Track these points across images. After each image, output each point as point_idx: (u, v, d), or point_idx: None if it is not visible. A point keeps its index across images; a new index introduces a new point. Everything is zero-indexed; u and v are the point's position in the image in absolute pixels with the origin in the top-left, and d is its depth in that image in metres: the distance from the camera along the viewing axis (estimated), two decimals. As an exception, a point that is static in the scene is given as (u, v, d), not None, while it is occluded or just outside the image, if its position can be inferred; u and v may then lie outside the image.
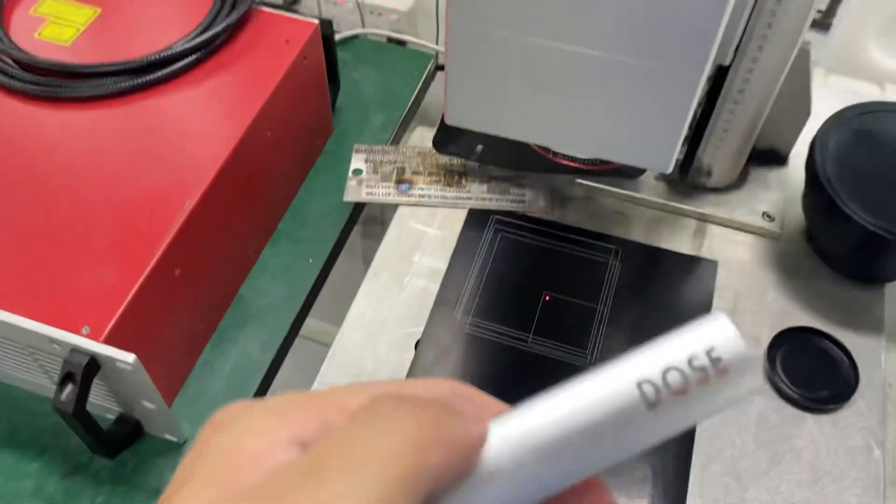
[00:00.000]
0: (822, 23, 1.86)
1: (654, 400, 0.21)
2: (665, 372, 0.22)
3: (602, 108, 0.34)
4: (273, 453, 0.20)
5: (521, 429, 0.22)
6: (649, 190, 0.67)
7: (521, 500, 0.22)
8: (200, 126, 0.61)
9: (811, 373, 0.58)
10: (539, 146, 0.53)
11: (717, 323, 0.22)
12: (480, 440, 0.21)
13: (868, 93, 1.01)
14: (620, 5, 0.31)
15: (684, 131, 0.34)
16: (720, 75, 0.58)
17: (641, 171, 0.64)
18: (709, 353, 0.22)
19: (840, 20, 1.28)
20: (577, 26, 0.32)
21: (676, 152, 0.35)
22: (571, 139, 0.37)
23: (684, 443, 0.56)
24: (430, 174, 0.68)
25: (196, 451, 0.21)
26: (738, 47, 0.54)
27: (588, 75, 0.33)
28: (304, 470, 0.19)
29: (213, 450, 0.20)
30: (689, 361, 0.22)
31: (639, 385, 0.22)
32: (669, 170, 0.36)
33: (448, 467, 0.20)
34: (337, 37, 0.78)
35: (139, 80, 0.62)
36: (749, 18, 0.52)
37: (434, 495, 0.20)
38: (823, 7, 1.78)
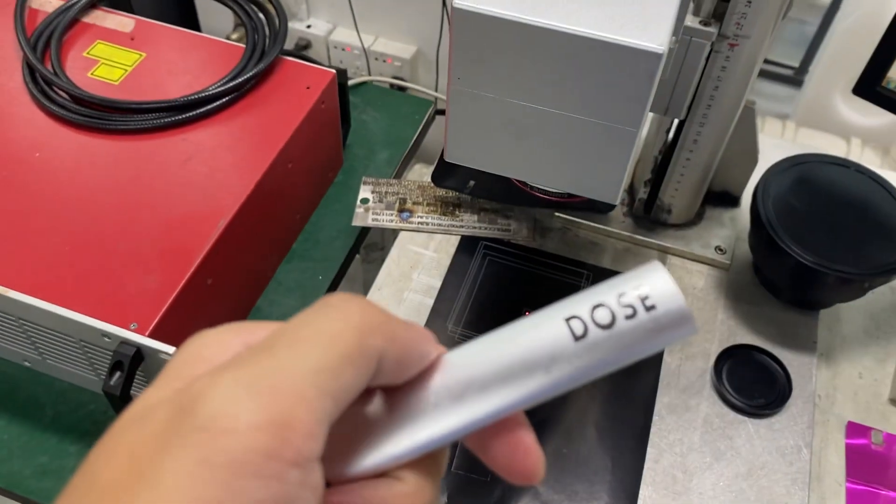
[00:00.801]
0: (794, 79, 1.97)
1: (580, 333, 0.23)
2: (594, 308, 0.23)
3: (566, 152, 0.44)
4: (226, 355, 0.21)
5: (463, 355, 0.24)
6: (618, 224, 0.77)
7: (464, 423, 0.23)
8: (231, 158, 0.70)
9: (751, 383, 0.67)
10: (519, 181, 0.63)
11: (649, 266, 0.23)
12: (425, 343, 0.23)
13: (835, 146, 1.11)
14: (577, 80, 0.41)
15: (628, 172, 0.44)
16: (679, 128, 0.68)
17: (611, 208, 0.74)
18: (637, 289, 0.22)
19: (810, 77, 1.39)
20: (547, 93, 0.42)
21: (622, 188, 0.45)
22: (544, 175, 0.47)
23: (639, 438, 0.64)
24: (428, 204, 0.78)
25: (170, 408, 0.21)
26: (690, 105, 0.65)
27: (555, 127, 0.43)
28: (258, 347, 0.20)
29: (174, 360, 0.22)
30: (618, 298, 0.23)
31: (567, 320, 0.23)
32: (617, 202, 0.46)
33: (391, 356, 0.22)
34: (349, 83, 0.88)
35: (179, 117, 0.71)
36: (700, 81, 0.63)
37: (381, 379, 0.22)
38: (796, 64, 1.89)
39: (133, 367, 0.58)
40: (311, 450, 0.19)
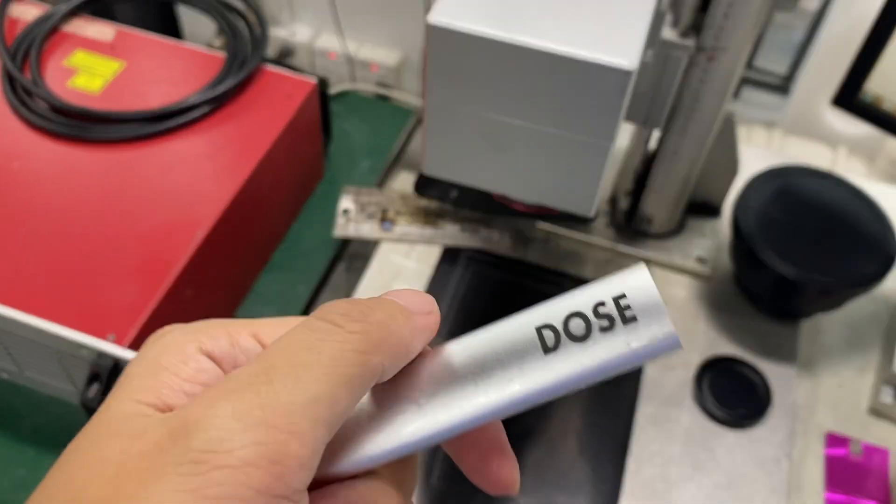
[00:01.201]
0: (782, 87, 1.99)
1: (552, 345, 0.21)
2: (569, 317, 0.21)
3: (541, 166, 0.44)
4: (185, 364, 0.22)
5: (442, 358, 0.23)
6: (600, 234, 0.77)
7: (432, 431, 0.22)
8: (211, 168, 0.70)
9: (732, 394, 0.67)
10: (497, 194, 0.63)
11: (633, 271, 0.21)
12: (418, 340, 0.23)
13: (821, 155, 1.11)
14: (549, 95, 0.41)
15: (600, 184, 0.44)
16: (659, 139, 0.68)
17: (591, 219, 0.74)
18: (617, 300, 0.21)
19: (797, 85, 1.39)
20: (520, 107, 0.42)
21: (596, 201, 0.45)
22: (520, 188, 0.47)
23: (619, 449, 0.64)
24: (410, 214, 0.78)
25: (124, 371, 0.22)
26: (670, 117, 0.65)
27: (530, 141, 0.43)
28: (255, 371, 0.20)
29: (133, 368, 0.22)
30: (595, 308, 0.21)
31: (539, 329, 0.21)
32: (591, 214, 0.46)
33: (390, 367, 0.22)
34: (330, 91, 0.88)
35: (158, 127, 0.71)
36: (678, 93, 0.63)
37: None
38: (784, 72, 1.90)
39: (111, 379, 0.58)
40: (301, 481, 0.19)
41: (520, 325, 0.22)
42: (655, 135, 0.69)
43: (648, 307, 0.20)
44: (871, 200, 0.70)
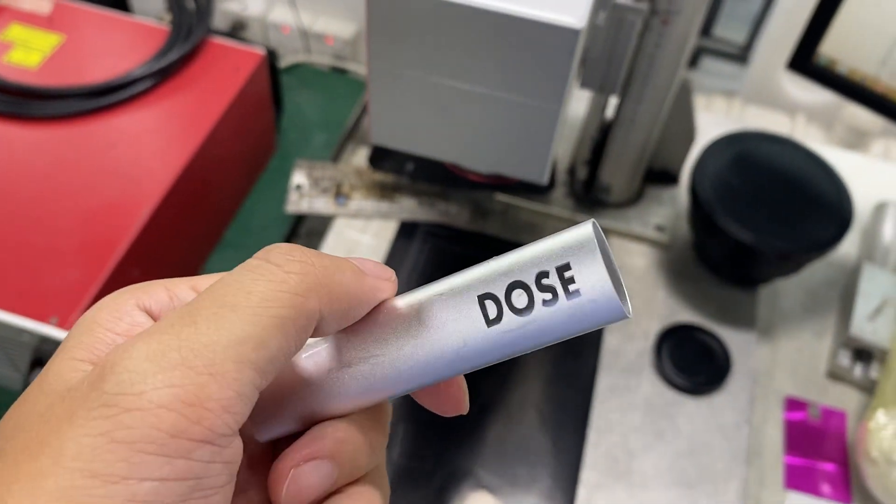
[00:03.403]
0: (740, 56, 1.99)
1: (494, 316, 0.21)
2: (511, 287, 0.20)
3: (490, 132, 0.43)
4: (121, 319, 0.21)
5: (394, 313, 0.22)
6: (558, 205, 0.76)
7: (380, 392, 0.23)
8: (156, 143, 0.67)
9: (692, 362, 0.67)
10: (455, 165, 0.62)
11: (579, 232, 0.20)
12: (371, 293, 0.22)
13: (779, 123, 1.11)
14: (496, 57, 0.40)
15: (552, 150, 0.43)
16: (616, 107, 0.67)
17: (549, 188, 0.73)
18: (561, 270, 0.20)
19: (756, 54, 1.39)
20: (467, 70, 0.41)
21: (549, 166, 0.44)
22: (471, 156, 0.45)
23: (580, 421, 0.64)
24: (365, 189, 0.76)
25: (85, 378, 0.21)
26: (626, 83, 0.64)
27: (477, 106, 0.42)
28: (180, 313, 0.19)
29: (73, 328, 0.21)
30: (538, 279, 0.20)
31: (481, 298, 0.21)
32: (544, 180, 0.45)
33: (331, 315, 0.21)
34: (281, 64, 0.86)
35: (100, 102, 0.69)
36: (633, 58, 0.62)
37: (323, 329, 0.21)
38: (742, 41, 1.91)
39: (53, 365, 0.56)
40: (225, 425, 0.18)
41: (464, 289, 0.22)
42: (612, 103, 0.68)
43: (592, 278, 0.19)
44: (827, 165, 0.69)
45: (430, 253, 0.73)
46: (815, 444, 0.64)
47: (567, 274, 0.20)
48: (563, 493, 0.60)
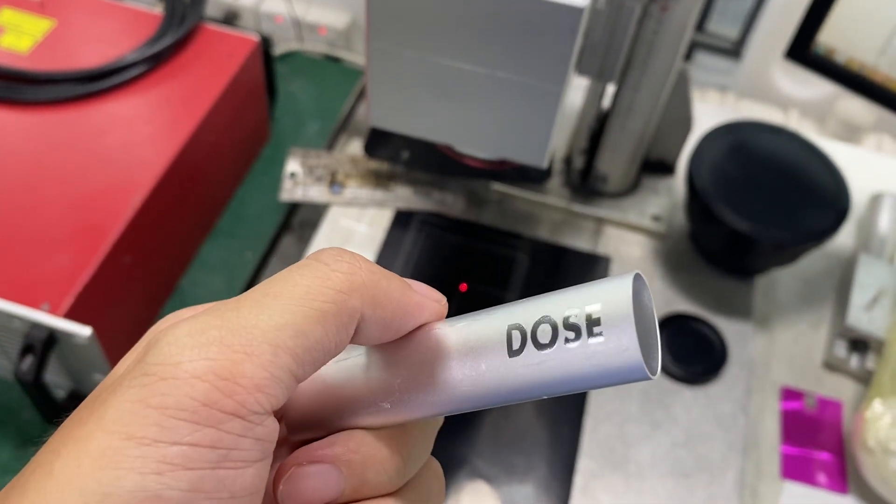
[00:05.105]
0: (734, 51, 2.00)
1: (517, 347, 0.20)
2: (539, 322, 0.20)
3: (491, 114, 0.42)
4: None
5: (433, 340, 0.22)
6: (555, 195, 0.76)
7: (407, 416, 0.23)
8: (149, 130, 0.67)
9: (688, 351, 0.67)
10: (452, 151, 0.61)
11: (619, 282, 0.19)
12: (417, 311, 0.23)
13: (772, 117, 1.11)
14: (498, 37, 0.39)
15: (553, 133, 0.42)
16: (613, 96, 0.67)
17: (545, 177, 0.72)
18: (589, 312, 0.19)
19: (749, 50, 1.39)
20: (468, 50, 0.40)
21: (549, 150, 0.43)
22: (470, 139, 0.45)
23: (576, 410, 0.64)
24: (360, 177, 0.76)
25: (135, 357, 0.21)
26: (624, 70, 0.63)
27: (478, 87, 0.41)
28: (229, 301, 0.20)
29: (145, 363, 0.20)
30: (567, 317, 0.20)
31: (510, 328, 0.21)
32: (544, 164, 0.44)
33: (373, 320, 0.21)
34: (275, 52, 0.85)
35: (92, 87, 0.68)
36: (632, 47, 0.62)
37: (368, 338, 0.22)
38: (735, 36, 1.91)
39: (45, 351, 0.55)
40: (256, 402, 0.19)
41: (496, 319, 0.22)
42: (609, 92, 0.68)
43: (617, 324, 0.19)
44: (824, 155, 0.69)
45: (425, 242, 0.73)
46: (812, 434, 0.64)
47: (594, 316, 0.19)
48: (559, 482, 0.60)
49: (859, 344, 0.67)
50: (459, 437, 0.62)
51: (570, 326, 0.19)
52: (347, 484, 0.22)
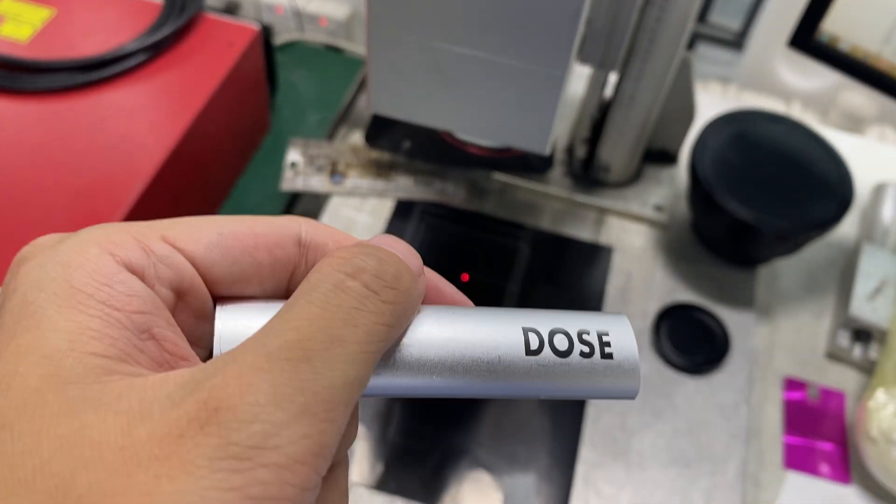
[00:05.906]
0: (736, 43, 1.99)
1: (535, 348, 0.22)
2: (554, 331, 0.22)
3: (493, 100, 0.42)
4: (111, 286, 0.18)
5: (428, 327, 0.22)
6: (557, 184, 0.76)
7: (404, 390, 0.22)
8: (149, 119, 0.66)
9: (690, 341, 0.67)
10: (454, 140, 0.61)
11: (619, 318, 0.23)
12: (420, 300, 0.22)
13: (775, 108, 1.11)
14: (500, 21, 0.39)
15: (556, 119, 0.42)
16: (616, 84, 0.67)
17: (548, 166, 0.72)
18: (601, 335, 0.22)
19: (752, 41, 1.39)
20: (470, 35, 0.40)
21: (551, 136, 0.43)
22: (471, 125, 0.45)
23: (578, 400, 0.63)
24: (361, 167, 0.75)
25: (4, 292, 0.18)
26: (626, 59, 0.63)
27: (480, 73, 0.41)
28: (288, 342, 0.18)
29: (36, 292, 0.18)
30: (580, 333, 0.22)
31: (525, 330, 0.22)
32: (547, 151, 0.44)
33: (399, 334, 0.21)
34: (276, 42, 0.85)
35: (92, 77, 0.67)
36: (634, 35, 0.61)
37: None
38: (738, 27, 1.91)
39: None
40: (326, 468, 0.18)
41: (507, 319, 0.23)
42: (612, 81, 0.67)
43: (625, 350, 0.22)
44: (827, 144, 0.69)
45: (426, 232, 0.73)
46: (814, 424, 0.64)
47: (606, 338, 0.22)
48: (561, 472, 0.60)
49: (862, 334, 0.67)
50: (461, 427, 0.61)
51: (584, 342, 0.22)
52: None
